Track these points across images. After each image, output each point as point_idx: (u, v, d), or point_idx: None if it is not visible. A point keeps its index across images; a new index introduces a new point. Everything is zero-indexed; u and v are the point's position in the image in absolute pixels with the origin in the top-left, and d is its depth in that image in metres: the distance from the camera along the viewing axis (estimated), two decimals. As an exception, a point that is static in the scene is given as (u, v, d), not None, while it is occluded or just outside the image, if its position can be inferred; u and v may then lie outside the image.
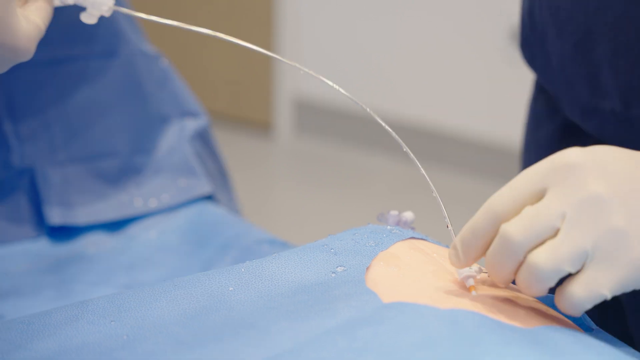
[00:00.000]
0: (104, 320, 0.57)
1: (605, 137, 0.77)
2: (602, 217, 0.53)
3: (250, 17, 2.91)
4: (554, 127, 0.86)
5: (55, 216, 0.94)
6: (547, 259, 0.53)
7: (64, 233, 0.95)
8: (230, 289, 0.60)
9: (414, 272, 0.61)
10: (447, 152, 2.68)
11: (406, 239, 0.66)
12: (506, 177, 2.90)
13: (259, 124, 3.04)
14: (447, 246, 0.66)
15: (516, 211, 0.55)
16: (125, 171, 1.00)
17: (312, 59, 2.82)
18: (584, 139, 0.81)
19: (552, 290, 0.57)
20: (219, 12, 2.93)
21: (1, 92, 0.94)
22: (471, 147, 2.67)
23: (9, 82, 0.94)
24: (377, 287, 0.59)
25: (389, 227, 0.68)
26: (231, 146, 2.75)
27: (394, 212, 0.70)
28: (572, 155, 0.55)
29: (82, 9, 0.69)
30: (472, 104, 2.65)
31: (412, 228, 0.69)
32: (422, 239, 0.67)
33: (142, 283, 0.86)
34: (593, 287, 0.53)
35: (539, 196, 0.55)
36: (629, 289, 0.54)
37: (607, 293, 0.53)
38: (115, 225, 0.97)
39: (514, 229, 0.54)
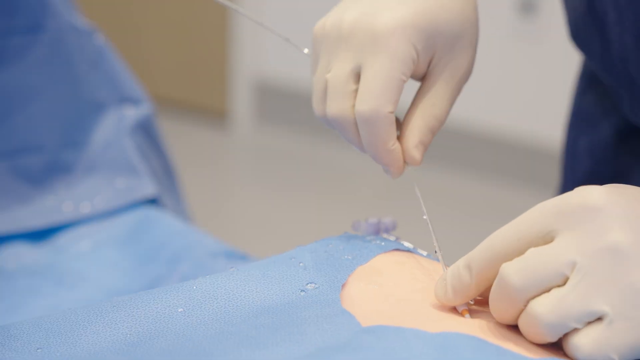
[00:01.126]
0: (29, 347, 0.58)
1: None
2: (620, 270, 0.54)
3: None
4: (610, 129, 0.86)
5: (-33, 224, 0.94)
6: (551, 311, 0.55)
7: (-24, 244, 0.95)
8: (180, 310, 0.61)
9: (398, 290, 0.63)
10: (446, 146, 2.70)
11: (389, 250, 0.67)
12: (505, 173, 2.85)
13: (214, 112, 3.05)
14: (439, 260, 0.68)
15: (520, 251, 0.57)
16: (52, 169, 1.00)
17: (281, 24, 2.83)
18: None
19: None
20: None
21: None
22: (471, 141, 2.69)
23: None
24: (354, 308, 0.61)
25: (369, 237, 0.69)
26: (180, 139, 2.75)
27: (372, 220, 0.71)
28: (593, 196, 0.56)
29: None
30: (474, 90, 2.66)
31: (397, 237, 0.70)
32: (408, 250, 0.68)
33: (73, 304, 0.86)
34: (604, 348, 0.55)
35: (548, 239, 0.57)
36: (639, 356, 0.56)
37: (617, 358, 0.55)
38: (40, 235, 0.97)
39: (513, 270, 0.56)
